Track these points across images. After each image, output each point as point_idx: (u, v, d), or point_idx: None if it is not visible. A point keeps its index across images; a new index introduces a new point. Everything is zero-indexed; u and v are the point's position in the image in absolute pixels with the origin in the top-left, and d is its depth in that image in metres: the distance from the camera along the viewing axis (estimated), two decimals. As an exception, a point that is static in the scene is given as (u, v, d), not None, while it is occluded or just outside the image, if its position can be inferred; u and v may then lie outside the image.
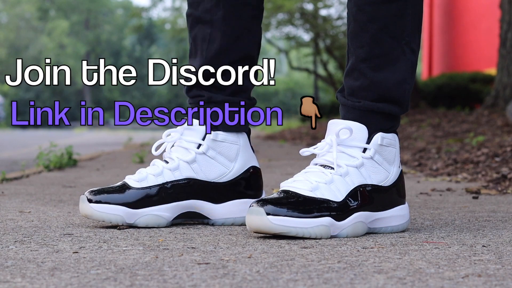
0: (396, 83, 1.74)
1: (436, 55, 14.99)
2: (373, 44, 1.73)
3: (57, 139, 10.03)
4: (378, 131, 1.73)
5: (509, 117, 6.11)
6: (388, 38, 1.73)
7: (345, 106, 1.77)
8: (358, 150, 1.72)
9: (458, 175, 3.49)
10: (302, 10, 15.74)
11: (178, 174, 1.82)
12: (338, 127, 1.72)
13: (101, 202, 1.76)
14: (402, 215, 1.75)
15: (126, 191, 1.79)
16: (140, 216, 1.77)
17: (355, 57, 1.74)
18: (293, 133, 10.21)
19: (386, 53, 1.73)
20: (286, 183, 1.69)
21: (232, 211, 1.85)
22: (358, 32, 1.74)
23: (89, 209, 1.76)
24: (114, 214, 1.76)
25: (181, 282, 1.17)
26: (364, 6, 1.73)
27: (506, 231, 1.75)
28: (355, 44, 1.74)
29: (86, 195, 1.78)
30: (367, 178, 1.71)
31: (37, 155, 4.18)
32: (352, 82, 1.75)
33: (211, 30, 1.86)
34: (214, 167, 1.85)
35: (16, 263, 1.32)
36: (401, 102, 1.76)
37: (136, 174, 1.82)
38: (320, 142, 1.75)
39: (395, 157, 1.76)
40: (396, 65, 1.74)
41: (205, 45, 1.87)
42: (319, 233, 1.61)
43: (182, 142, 1.85)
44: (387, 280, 1.18)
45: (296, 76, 49.57)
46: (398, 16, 1.73)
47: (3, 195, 2.62)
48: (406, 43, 1.74)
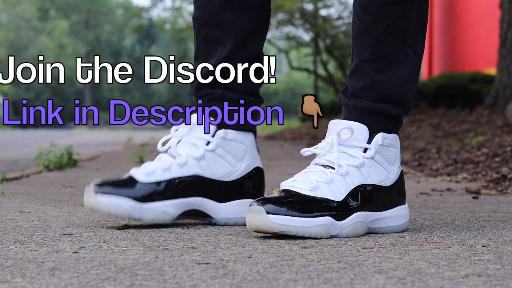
0: (399, 84, 1.74)
1: (436, 55, 14.99)
2: (377, 45, 1.73)
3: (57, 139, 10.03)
4: (379, 131, 1.74)
5: (509, 117, 6.11)
6: (392, 39, 1.73)
7: (347, 106, 1.77)
8: (359, 150, 1.72)
9: (458, 175, 3.49)
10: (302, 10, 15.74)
11: (186, 170, 1.80)
12: (339, 127, 1.72)
13: (107, 194, 1.73)
14: (402, 215, 1.75)
15: (134, 184, 1.75)
16: (146, 211, 1.75)
17: (359, 58, 1.75)
18: (293, 133, 10.21)
19: (389, 55, 1.74)
20: (286, 183, 1.69)
21: (235, 211, 1.84)
22: (363, 33, 1.74)
23: (95, 202, 1.72)
24: (121, 208, 1.73)
25: (181, 282, 1.17)
26: (369, 8, 1.73)
27: (506, 231, 1.75)
28: (359, 45, 1.75)
29: (93, 187, 1.73)
30: (367, 178, 1.71)
31: (37, 155, 4.18)
32: (355, 82, 1.76)
33: (222, 32, 1.86)
34: (222, 165, 1.84)
35: (16, 263, 1.32)
36: (403, 103, 1.76)
37: (143, 167, 1.79)
38: (321, 142, 1.75)
39: (395, 157, 1.76)
40: (399, 67, 1.74)
41: (217, 48, 1.87)
42: (319, 232, 1.61)
43: (190, 137, 1.83)
44: (387, 280, 1.18)
45: (296, 76, 49.58)
46: (402, 18, 1.73)
47: (3, 195, 2.62)
48: (410, 45, 1.75)
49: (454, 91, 11.03)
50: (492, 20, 10.65)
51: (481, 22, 12.49)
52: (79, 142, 12.46)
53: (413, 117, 8.34)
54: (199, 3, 1.89)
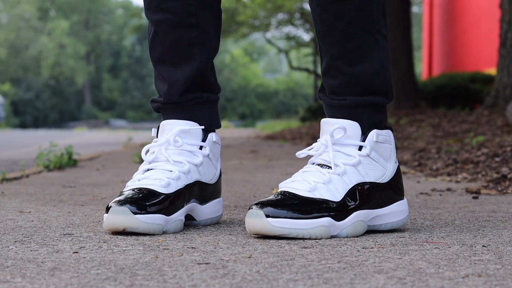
0: (375, 73, 1.73)
1: (436, 55, 14.99)
2: (344, 40, 1.71)
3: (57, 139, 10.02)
4: (371, 126, 1.73)
5: (509, 117, 6.11)
6: (358, 31, 1.71)
7: (331, 106, 1.75)
8: (354, 148, 1.72)
9: (458, 175, 3.49)
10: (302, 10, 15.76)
11: (190, 177, 1.80)
12: (332, 127, 1.72)
13: (143, 212, 1.66)
14: (401, 211, 1.75)
15: (159, 197, 1.70)
16: (171, 223, 1.72)
17: (330, 56, 1.73)
18: (293, 133, 10.21)
19: (359, 46, 1.72)
20: (284, 184, 1.69)
21: (212, 211, 1.87)
22: (327, 31, 1.72)
23: (135, 221, 1.64)
24: (158, 223, 1.67)
25: (181, 282, 1.17)
26: (327, 5, 1.71)
27: (506, 231, 1.75)
28: (326, 43, 1.73)
29: (128, 207, 1.65)
30: (364, 176, 1.71)
31: (37, 155, 4.18)
32: (331, 80, 1.74)
33: (197, 33, 1.84)
34: (211, 168, 1.86)
35: (16, 263, 1.32)
36: (385, 90, 1.75)
37: (154, 179, 1.74)
38: (316, 143, 1.74)
39: (391, 153, 1.76)
40: (371, 56, 1.73)
41: (191, 50, 1.85)
42: (319, 233, 1.61)
43: (185, 146, 1.82)
44: (387, 280, 1.18)
45: (296, 76, 49.58)
46: (363, 7, 1.71)
47: (3, 195, 2.62)
48: (377, 31, 1.73)
49: (454, 91, 11.03)
50: (492, 20, 10.65)
51: (481, 22, 12.49)
52: (79, 142, 12.46)
53: (413, 117, 8.34)
54: (169, 5, 1.83)
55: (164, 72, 1.86)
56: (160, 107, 1.88)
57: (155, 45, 1.86)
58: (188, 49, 1.85)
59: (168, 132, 1.82)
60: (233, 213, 2.09)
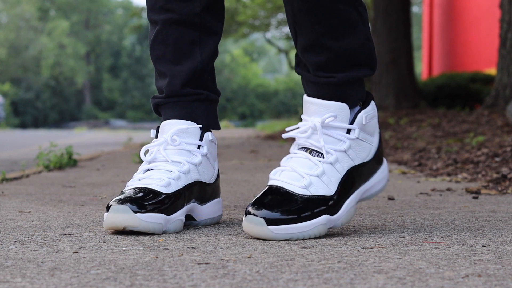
0: (361, 45, 1.72)
1: (436, 55, 14.99)
2: (330, 16, 1.69)
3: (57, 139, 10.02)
4: (357, 102, 1.73)
5: (509, 117, 6.11)
6: (342, 5, 1.70)
7: (317, 83, 1.73)
8: (342, 131, 1.71)
9: (458, 175, 3.49)
10: (302, 10, 15.71)
11: (190, 177, 1.80)
12: (321, 109, 1.69)
13: (143, 211, 1.66)
14: (384, 176, 1.79)
15: (160, 196, 1.71)
16: (171, 222, 1.72)
17: (314, 33, 1.70)
18: (293, 133, 10.19)
19: (344, 20, 1.70)
20: (275, 175, 1.68)
21: (212, 211, 1.87)
22: (311, 9, 1.69)
23: (136, 220, 1.64)
24: (158, 222, 1.68)
25: (181, 282, 1.17)
26: None
27: (506, 231, 1.75)
28: (310, 21, 1.69)
29: (129, 206, 1.65)
30: (354, 159, 1.72)
31: (37, 155, 4.18)
32: (315, 57, 1.71)
33: (200, 33, 1.85)
34: (209, 167, 1.87)
35: (16, 263, 1.32)
36: (371, 61, 1.75)
37: (155, 179, 1.74)
38: (301, 122, 1.73)
39: (375, 126, 1.77)
40: (356, 28, 1.72)
41: (193, 48, 1.86)
42: (318, 232, 1.62)
43: (183, 145, 1.83)
44: (387, 280, 1.18)
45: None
46: None
47: (3, 195, 2.62)
48: (359, 3, 1.72)
49: (454, 91, 11.03)
50: (492, 20, 10.65)
51: (481, 22, 12.49)
52: (79, 142, 12.46)
53: (413, 117, 8.34)
54: (174, 5, 1.84)
55: (164, 68, 1.87)
56: (160, 103, 1.88)
57: (157, 43, 1.87)
58: (190, 47, 1.86)
59: (166, 132, 1.83)
60: (233, 213, 2.09)
